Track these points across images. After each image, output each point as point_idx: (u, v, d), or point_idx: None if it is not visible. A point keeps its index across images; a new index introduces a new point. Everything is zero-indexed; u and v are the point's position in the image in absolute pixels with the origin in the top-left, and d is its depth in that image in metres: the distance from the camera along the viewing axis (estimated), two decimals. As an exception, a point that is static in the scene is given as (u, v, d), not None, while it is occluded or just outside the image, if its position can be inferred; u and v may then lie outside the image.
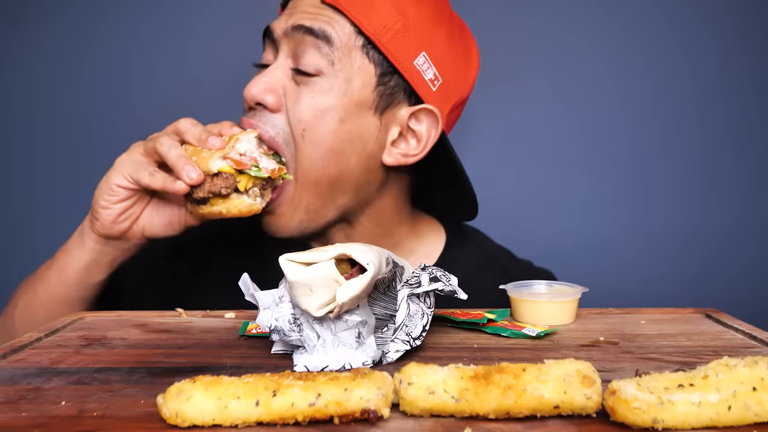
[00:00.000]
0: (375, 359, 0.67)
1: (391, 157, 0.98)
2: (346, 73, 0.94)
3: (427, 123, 0.98)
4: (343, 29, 0.93)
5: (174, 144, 0.89)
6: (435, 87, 0.97)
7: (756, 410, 0.51)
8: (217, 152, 0.88)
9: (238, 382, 0.53)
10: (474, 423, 0.53)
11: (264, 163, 0.91)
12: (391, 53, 0.94)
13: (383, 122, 0.97)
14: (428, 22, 0.96)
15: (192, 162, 0.87)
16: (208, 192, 0.87)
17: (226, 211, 0.89)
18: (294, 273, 0.63)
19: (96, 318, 0.90)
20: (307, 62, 0.93)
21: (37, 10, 1.65)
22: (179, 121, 0.92)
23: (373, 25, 0.93)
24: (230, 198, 0.89)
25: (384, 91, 0.96)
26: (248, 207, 0.90)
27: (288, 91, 0.95)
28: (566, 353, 0.72)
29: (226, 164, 0.88)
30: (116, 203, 0.92)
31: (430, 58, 0.96)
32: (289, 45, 0.95)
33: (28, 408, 0.56)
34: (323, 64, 0.93)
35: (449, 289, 0.71)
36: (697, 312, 0.91)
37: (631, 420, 0.50)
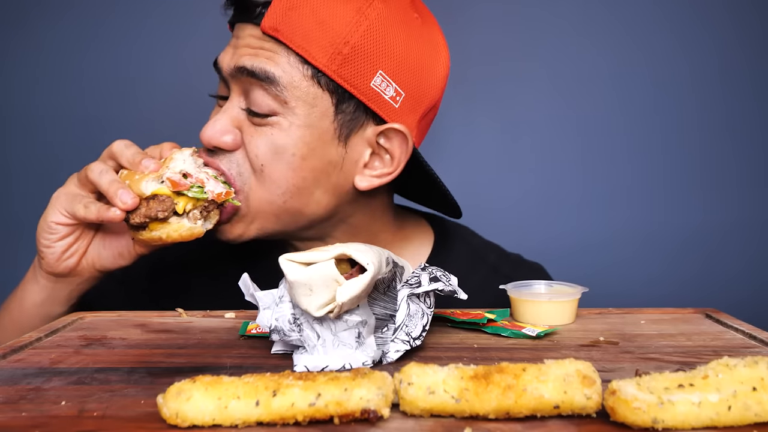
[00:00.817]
0: (375, 359, 0.67)
1: (365, 181, 0.94)
2: (301, 109, 0.88)
3: (397, 141, 0.93)
4: (288, 61, 0.87)
5: (105, 169, 0.85)
6: (398, 103, 0.91)
7: (756, 410, 0.51)
8: (151, 174, 0.83)
9: (238, 382, 0.53)
10: (474, 423, 0.53)
11: (210, 185, 0.85)
12: (344, 79, 0.88)
13: (349, 150, 0.92)
14: (381, 36, 0.88)
15: (125, 186, 0.82)
16: (144, 217, 0.82)
17: (165, 236, 0.84)
18: (294, 273, 0.63)
19: (96, 318, 0.90)
20: (258, 104, 0.89)
21: (37, 10, 1.65)
22: (112, 144, 0.88)
23: (320, 53, 0.86)
24: (169, 222, 0.83)
25: (344, 118, 0.90)
26: (188, 231, 0.84)
27: (245, 128, 0.91)
28: (566, 353, 0.72)
29: (162, 186, 0.82)
30: (57, 241, 0.88)
31: (387, 75, 0.89)
32: (238, 84, 0.91)
33: (28, 408, 0.56)
34: (275, 105, 0.88)
35: (449, 289, 0.71)
36: (697, 312, 0.91)
37: (631, 420, 0.50)
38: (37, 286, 0.93)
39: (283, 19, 0.87)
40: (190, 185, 0.83)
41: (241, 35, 0.91)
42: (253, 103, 0.89)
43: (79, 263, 0.91)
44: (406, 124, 0.92)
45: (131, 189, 0.82)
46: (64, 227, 0.88)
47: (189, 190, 0.83)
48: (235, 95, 0.92)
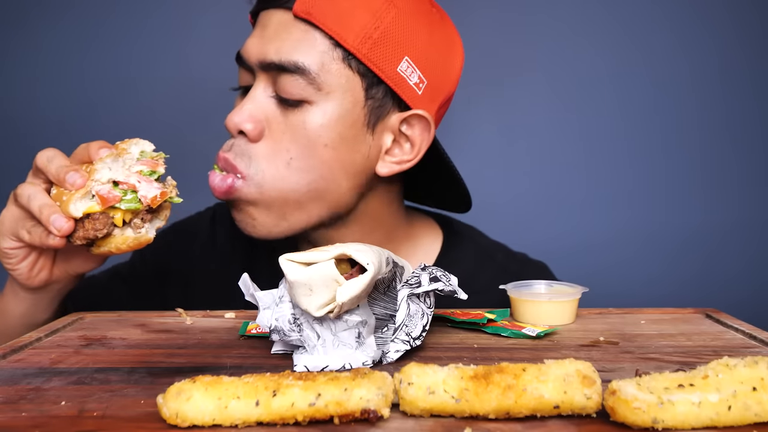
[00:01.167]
0: (375, 359, 0.67)
1: (386, 168, 0.94)
2: (336, 93, 0.89)
3: (418, 127, 0.94)
4: (318, 47, 0.88)
5: (34, 192, 0.79)
6: (421, 90, 0.93)
7: (756, 410, 0.51)
8: (78, 192, 0.75)
9: (238, 382, 0.53)
10: (474, 423, 0.53)
11: (144, 188, 0.77)
12: (373, 63, 0.88)
13: (375, 136, 0.93)
14: (407, 24, 0.90)
15: (57, 209, 0.76)
16: (83, 239, 0.76)
17: (115, 249, 0.78)
18: (294, 273, 0.63)
19: (96, 318, 0.90)
20: (290, 92, 0.88)
21: (37, 10, 1.65)
22: (36, 158, 0.81)
23: (351, 37, 0.87)
24: (114, 236, 0.78)
25: (372, 105, 0.91)
26: (135, 241, 0.79)
27: (272, 117, 0.90)
28: (566, 353, 0.72)
29: (92, 203, 0.75)
30: (19, 263, 0.85)
31: (413, 62, 0.91)
32: (265, 74, 0.90)
33: (28, 408, 0.56)
34: (309, 92, 0.88)
35: (449, 289, 0.71)
36: (697, 312, 0.91)
37: (631, 420, 0.50)
38: (18, 299, 0.91)
39: (315, 2, 0.87)
40: (122, 196, 0.76)
41: (268, 23, 0.91)
42: (283, 91, 0.89)
43: (52, 274, 0.88)
44: (428, 111, 0.94)
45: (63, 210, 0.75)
46: (18, 250, 0.84)
47: (121, 201, 0.76)
48: (262, 84, 0.91)
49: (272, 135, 0.90)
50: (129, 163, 0.78)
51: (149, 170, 0.79)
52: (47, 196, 0.78)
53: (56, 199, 0.77)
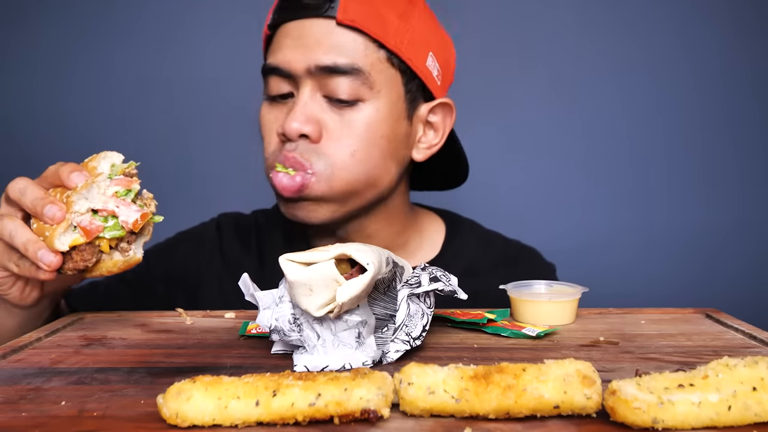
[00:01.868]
0: (375, 359, 0.67)
1: (420, 154, 1.05)
2: (385, 91, 0.97)
3: (441, 114, 1.05)
4: (367, 50, 0.95)
5: (14, 227, 0.77)
6: (440, 81, 1.03)
7: (756, 410, 0.51)
8: (59, 226, 0.74)
9: (238, 382, 0.53)
10: (474, 423, 0.53)
11: (124, 214, 0.76)
12: (410, 60, 0.98)
13: (412, 127, 1.03)
14: (426, 22, 1.00)
15: (43, 245, 0.75)
16: (73, 270, 0.76)
17: (106, 271, 0.78)
18: (294, 273, 0.63)
19: (96, 318, 0.90)
20: (346, 92, 0.95)
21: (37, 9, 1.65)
22: (8, 188, 0.79)
23: (391, 38, 0.96)
24: (102, 261, 0.77)
25: (410, 97, 1.00)
26: (126, 263, 0.78)
27: (328, 119, 0.95)
28: (566, 353, 0.72)
29: (76, 235, 0.75)
30: (10, 288, 0.84)
31: (434, 56, 1.01)
32: (313, 79, 0.95)
33: (28, 408, 0.56)
34: (362, 91, 0.95)
35: (449, 289, 0.71)
36: (697, 312, 0.91)
37: (631, 420, 0.50)
38: (10, 315, 0.90)
39: (356, 9, 0.95)
40: (104, 226, 0.76)
41: (306, 32, 0.95)
42: (338, 92, 0.95)
43: (42, 291, 0.88)
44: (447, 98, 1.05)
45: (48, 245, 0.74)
46: (8, 278, 0.83)
47: (104, 230, 0.76)
48: (308, 88, 0.96)
49: (331, 133, 0.96)
50: (103, 186, 0.76)
51: (124, 190, 0.77)
52: (29, 230, 0.76)
53: (39, 234, 0.76)
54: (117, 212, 0.76)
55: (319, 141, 0.95)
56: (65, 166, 0.78)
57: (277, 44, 0.98)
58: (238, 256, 1.13)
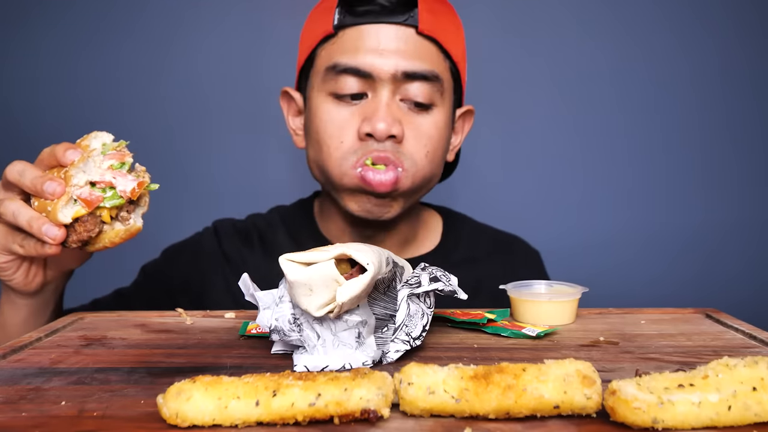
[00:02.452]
0: (375, 359, 0.67)
1: (450, 154, 1.13)
2: (448, 98, 1.06)
3: (462, 118, 1.14)
4: (440, 60, 1.04)
5: (17, 207, 0.79)
6: (464, 89, 1.12)
7: (756, 410, 0.51)
8: (60, 199, 0.77)
9: (238, 382, 0.53)
10: (474, 423, 0.53)
11: (121, 183, 0.78)
12: (460, 70, 1.08)
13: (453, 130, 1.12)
14: (461, 32, 1.09)
15: (46, 220, 0.77)
16: (77, 242, 0.78)
17: (110, 243, 0.80)
18: (294, 273, 0.63)
19: (96, 318, 0.90)
20: (423, 96, 1.02)
21: (37, 9, 1.65)
22: (6, 172, 0.82)
23: (455, 51, 1.05)
24: (104, 232, 0.79)
25: (455, 104, 1.10)
26: (127, 232, 0.80)
27: (406, 121, 1.02)
28: (566, 353, 0.72)
29: (78, 207, 0.77)
30: (14, 273, 0.87)
31: (464, 67, 1.10)
32: (394, 83, 1.01)
33: (28, 408, 0.56)
34: (436, 97, 1.03)
35: (449, 289, 0.71)
36: (697, 312, 0.91)
37: (631, 420, 0.50)
38: (15, 308, 0.92)
39: (434, 21, 1.02)
40: (104, 196, 0.78)
41: (390, 38, 1.01)
42: (418, 96, 1.02)
43: (46, 276, 0.90)
44: None
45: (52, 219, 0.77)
46: (12, 263, 0.86)
47: (104, 200, 0.78)
48: (388, 92, 1.01)
49: (410, 134, 1.02)
50: (98, 161, 0.79)
51: (119, 163, 0.79)
52: (31, 209, 0.79)
53: (41, 210, 0.78)
54: (114, 183, 0.78)
55: (402, 140, 1.01)
56: (59, 145, 0.80)
57: (351, 45, 1.01)
58: (242, 254, 1.15)
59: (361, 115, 1.01)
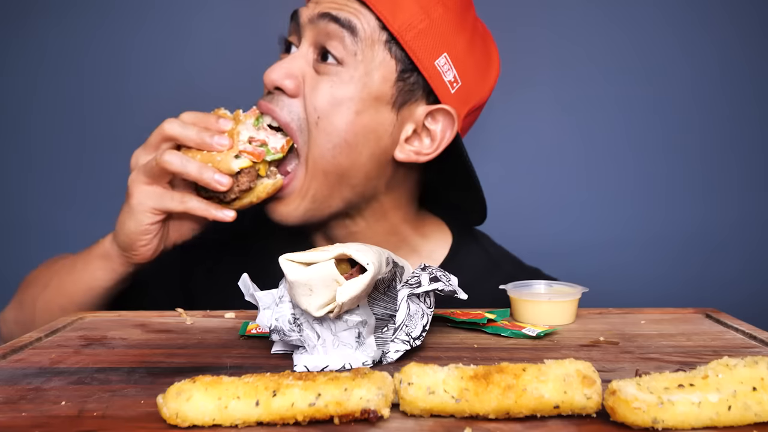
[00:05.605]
0: (375, 359, 0.67)
1: (403, 154, 0.98)
2: (366, 66, 0.94)
3: (443, 123, 0.98)
4: (369, 22, 0.93)
5: (184, 157, 0.87)
6: (454, 89, 0.97)
7: (756, 410, 0.51)
8: (230, 152, 0.88)
9: (238, 382, 0.53)
10: (474, 423, 0.53)
11: (272, 142, 0.91)
12: (413, 51, 0.94)
13: (399, 118, 0.97)
14: (452, 24, 0.96)
15: (214, 169, 0.87)
16: (238, 192, 0.89)
17: (256, 199, 0.91)
18: (294, 273, 0.63)
19: (96, 318, 0.90)
20: (330, 51, 0.94)
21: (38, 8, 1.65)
22: (165, 128, 0.90)
23: (398, 22, 0.93)
24: (255, 187, 0.90)
25: (403, 87, 0.96)
26: (273, 187, 0.92)
27: (307, 78, 0.95)
28: (566, 353, 0.72)
29: (245, 160, 0.88)
30: (153, 239, 0.92)
31: (451, 60, 0.96)
32: (313, 32, 0.95)
33: (28, 408, 0.56)
34: (346, 55, 0.93)
35: (449, 289, 0.71)
36: (697, 312, 0.91)
37: (631, 420, 0.50)
38: (114, 273, 0.96)
39: None
40: (266, 151, 0.90)
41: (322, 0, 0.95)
42: (324, 51, 0.94)
43: (165, 245, 0.95)
44: (456, 111, 0.98)
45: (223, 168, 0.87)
46: (155, 225, 0.91)
47: (266, 155, 0.90)
48: (306, 43, 0.96)
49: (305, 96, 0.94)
50: (248, 123, 0.91)
51: (256, 120, 0.93)
52: (197, 161, 0.87)
53: (206, 161, 0.87)
54: (267, 141, 0.90)
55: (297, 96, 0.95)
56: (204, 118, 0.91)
57: None
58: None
59: None
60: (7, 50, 1.65)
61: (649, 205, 1.64)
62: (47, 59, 1.65)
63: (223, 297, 0.95)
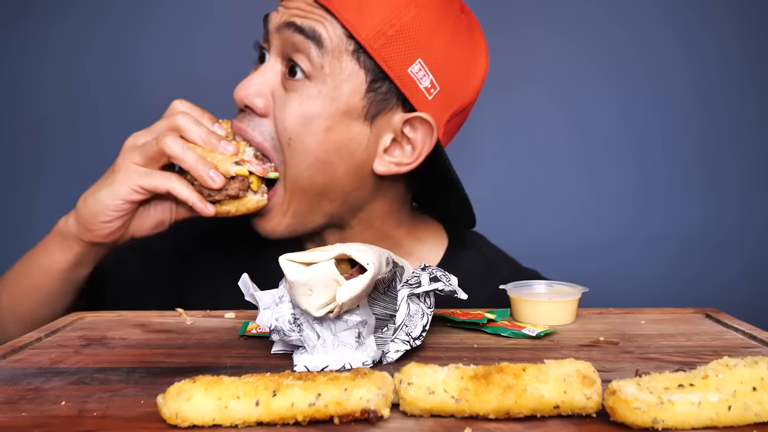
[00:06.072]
0: (375, 359, 0.67)
1: (382, 166, 0.93)
2: (334, 79, 0.89)
3: (422, 131, 0.92)
4: (335, 31, 0.88)
5: (186, 145, 0.87)
6: (431, 95, 0.92)
7: (756, 410, 0.51)
8: (232, 157, 0.88)
9: (238, 382, 0.53)
10: (474, 423, 0.53)
11: (256, 166, 0.91)
12: (383, 60, 0.89)
13: (374, 130, 0.92)
14: (427, 26, 0.90)
15: (211, 164, 0.87)
16: (225, 195, 0.88)
17: (234, 210, 0.90)
18: (294, 273, 0.63)
19: (96, 318, 0.90)
20: (297, 64, 0.90)
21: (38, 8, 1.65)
22: (176, 117, 0.89)
23: (365, 30, 0.87)
24: (239, 199, 0.90)
25: (374, 97, 0.91)
26: (256, 204, 0.91)
27: (276, 96, 0.91)
28: (566, 353, 0.72)
29: (243, 167, 0.88)
30: (119, 217, 0.89)
31: (426, 66, 0.90)
32: (280, 43, 0.91)
33: (28, 408, 0.56)
34: (312, 69, 0.89)
35: (449, 289, 0.71)
36: (697, 312, 0.91)
37: (631, 420, 0.50)
38: (69, 253, 0.93)
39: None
40: (268, 169, 0.91)
41: (292, 4, 0.91)
42: (290, 64, 0.90)
43: (123, 234, 0.92)
44: (435, 118, 0.92)
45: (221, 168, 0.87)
46: (127, 205, 0.89)
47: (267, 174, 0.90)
48: (274, 56, 0.92)
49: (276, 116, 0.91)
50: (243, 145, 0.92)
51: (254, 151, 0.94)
52: (197, 152, 0.87)
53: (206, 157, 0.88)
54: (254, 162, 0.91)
55: (267, 115, 0.92)
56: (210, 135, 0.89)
57: None
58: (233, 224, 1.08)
59: None
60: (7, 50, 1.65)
61: (648, 204, 1.64)
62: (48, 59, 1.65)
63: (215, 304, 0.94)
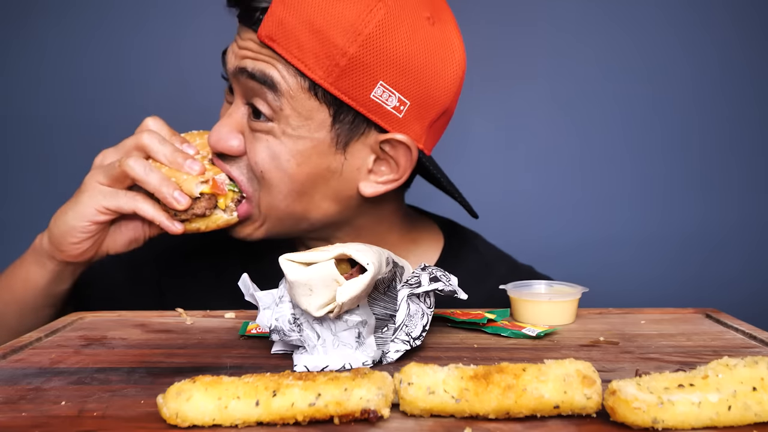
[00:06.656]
0: (375, 359, 0.67)
1: (370, 188, 0.92)
2: (297, 118, 0.87)
3: (401, 149, 0.90)
4: (287, 71, 0.85)
5: (149, 166, 0.86)
6: (402, 112, 0.87)
7: (756, 410, 0.51)
8: (196, 176, 0.88)
9: (238, 382, 0.53)
10: (474, 423, 0.53)
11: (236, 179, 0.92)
12: (342, 92, 0.85)
13: (348, 156, 0.89)
14: (382, 44, 0.84)
15: (175, 185, 0.86)
16: (192, 214, 0.88)
17: (204, 227, 0.90)
18: (294, 273, 0.63)
19: (96, 318, 0.90)
20: (257, 108, 0.88)
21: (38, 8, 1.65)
22: (143, 138, 0.89)
23: (316, 66, 0.84)
24: (207, 216, 0.90)
25: (342, 128, 0.88)
26: (225, 222, 0.91)
27: (246, 136, 0.90)
28: (566, 353, 0.72)
29: (207, 186, 0.88)
30: (88, 238, 0.90)
31: (390, 85, 0.85)
32: (239, 87, 0.90)
33: (28, 408, 0.56)
34: (272, 113, 0.87)
35: (449, 289, 0.71)
36: (697, 312, 0.91)
37: (631, 420, 0.50)
38: (44, 270, 0.94)
39: (278, 28, 0.84)
40: (228, 185, 0.91)
41: (243, 36, 0.89)
42: (251, 107, 0.89)
43: (96, 252, 0.93)
44: (413, 132, 0.90)
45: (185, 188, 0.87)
46: (95, 226, 0.89)
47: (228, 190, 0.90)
48: (238, 96, 0.91)
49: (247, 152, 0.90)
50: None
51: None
52: (161, 173, 0.86)
53: (171, 176, 0.88)
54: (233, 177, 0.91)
55: (243, 153, 0.91)
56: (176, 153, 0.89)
57: None
58: None
59: None
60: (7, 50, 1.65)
61: (648, 204, 1.64)
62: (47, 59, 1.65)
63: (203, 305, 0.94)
